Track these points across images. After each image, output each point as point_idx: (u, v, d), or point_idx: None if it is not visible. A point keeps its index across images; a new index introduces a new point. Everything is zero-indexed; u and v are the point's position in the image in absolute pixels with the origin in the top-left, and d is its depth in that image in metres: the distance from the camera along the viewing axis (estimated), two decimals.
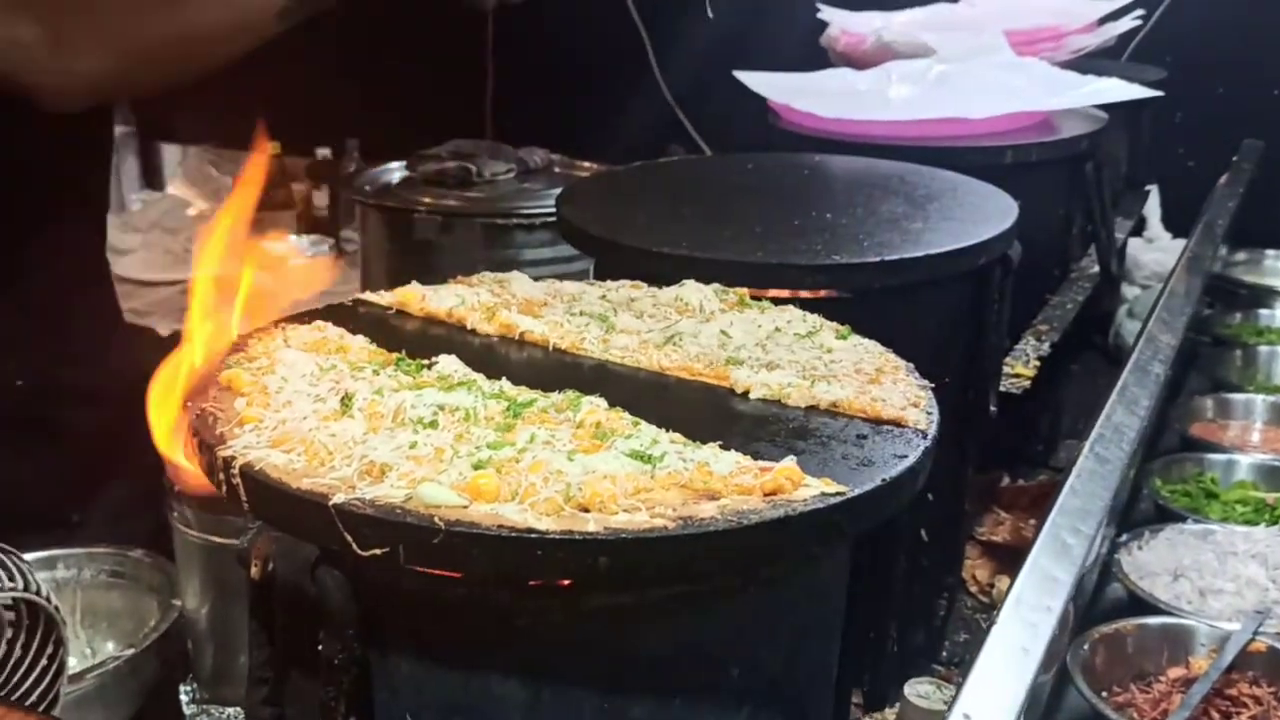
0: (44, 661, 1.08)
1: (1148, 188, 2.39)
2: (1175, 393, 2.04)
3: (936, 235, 1.23)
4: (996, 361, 1.35)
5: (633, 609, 0.70)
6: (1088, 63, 2.25)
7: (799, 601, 0.77)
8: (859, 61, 2.24)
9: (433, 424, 0.75)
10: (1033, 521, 1.73)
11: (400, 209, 1.72)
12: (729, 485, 0.69)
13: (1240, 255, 2.58)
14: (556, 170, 1.96)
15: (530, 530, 0.64)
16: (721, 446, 0.75)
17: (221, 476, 0.71)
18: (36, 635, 1.06)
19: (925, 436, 0.79)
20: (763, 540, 0.67)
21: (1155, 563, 1.50)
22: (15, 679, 1.04)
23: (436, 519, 0.64)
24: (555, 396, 0.80)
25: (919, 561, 1.37)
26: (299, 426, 0.73)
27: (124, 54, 1.16)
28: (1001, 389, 1.38)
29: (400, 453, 0.70)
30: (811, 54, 2.35)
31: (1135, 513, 1.68)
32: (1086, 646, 1.27)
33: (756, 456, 0.74)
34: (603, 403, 0.79)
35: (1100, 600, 1.47)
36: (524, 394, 0.81)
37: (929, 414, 0.83)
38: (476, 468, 0.69)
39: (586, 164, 2.03)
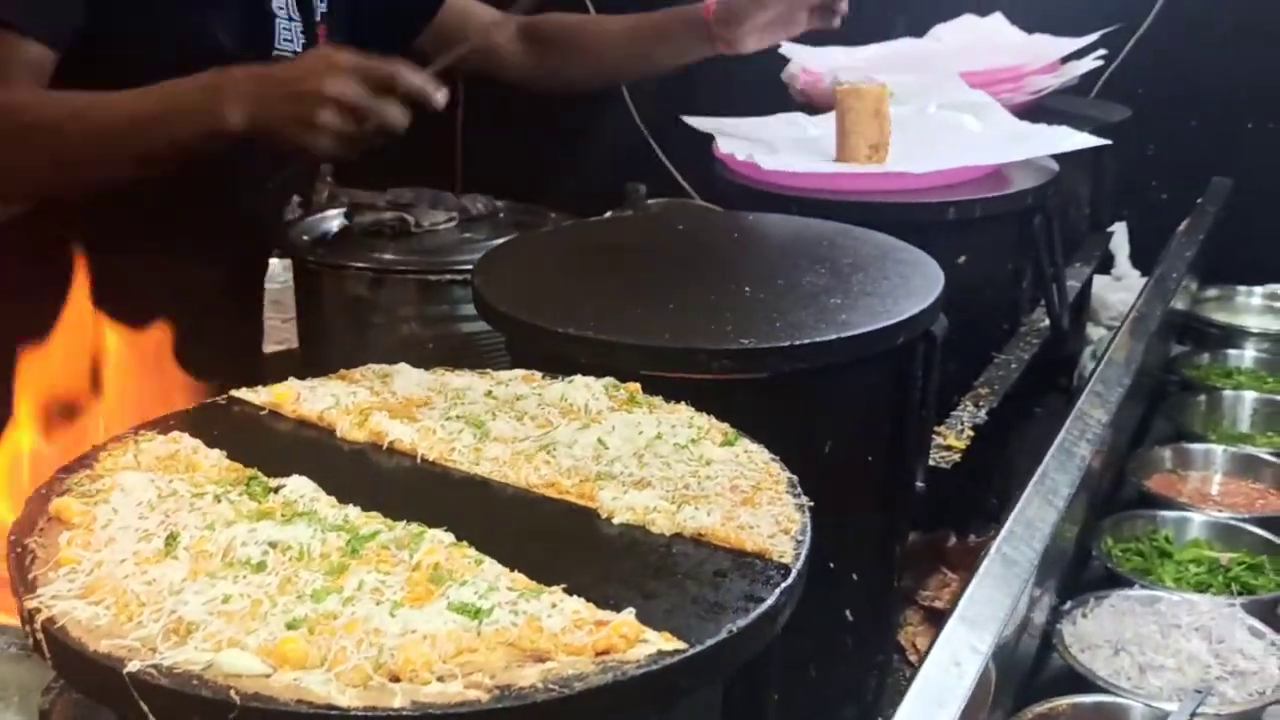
0: None
1: (1111, 228, 2.34)
2: (1140, 437, 2.00)
3: (854, 314, 1.19)
4: (923, 437, 1.31)
5: None
6: (1052, 99, 2.21)
7: None
8: (817, 100, 2.20)
9: (260, 566, 0.71)
10: None
11: (331, 265, 1.68)
12: (558, 644, 0.65)
13: (1211, 291, 2.53)
14: (501, 216, 1.92)
15: (330, 707, 0.60)
16: (567, 590, 0.71)
17: (28, 628, 0.67)
18: None
19: (787, 573, 0.75)
20: (590, 708, 0.63)
21: (1097, 633, 1.46)
22: None
23: (233, 692, 0.61)
24: (399, 530, 0.76)
25: (844, 641, 1.33)
26: (114, 572, 0.69)
27: None
28: (931, 463, 1.34)
29: (212, 607, 0.66)
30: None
31: (1087, 571, 1.64)
32: None
33: (604, 601, 0.70)
34: (448, 538, 0.75)
35: (1042, 671, 1.43)
36: (369, 524, 0.77)
37: (798, 541, 0.79)
38: (290, 627, 0.65)
39: (532, 208, 1.99)
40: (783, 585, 0.73)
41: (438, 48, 1.86)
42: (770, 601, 0.72)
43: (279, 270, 3.66)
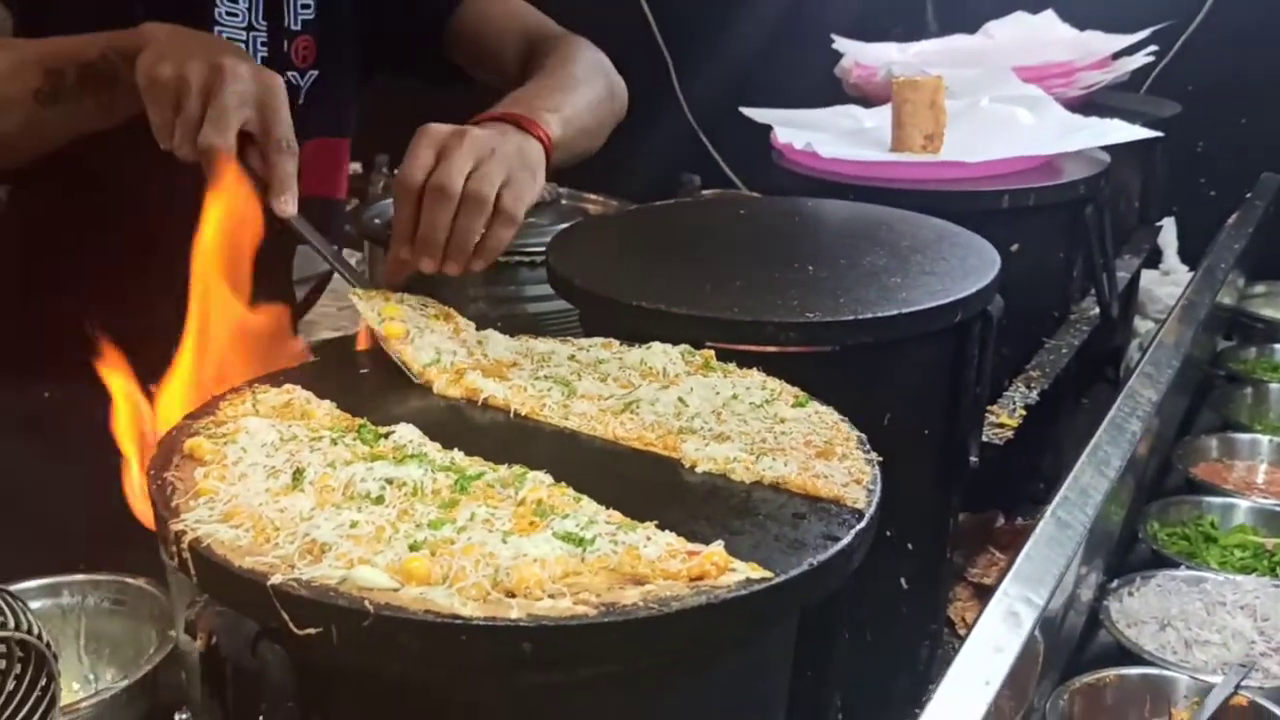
0: (37, 693, 1.12)
1: (1160, 222, 2.37)
2: (1186, 429, 2.04)
3: (914, 292, 1.24)
4: (977, 413, 1.36)
5: (565, 687, 0.72)
6: (1103, 95, 2.25)
7: (736, 678, 0.79)
8: (871, 94, 2.25)
9: (379, 499, 0.78)
10: None
11: None
12: (656, 570, 0.71)
13: (1259, 288, 2.56)
14: (564, 203, 1.99)
15: (455, 616, 0.67)
16: (659, 526, 0.77)
17: (173, 549, 0.74)
18: (29, 670, 1.10)
19: (861, 517, 0.81)
20: (685, 627, 0.69)
21: (1143, 610, 1.50)
22: (9, 712, 1.08)
23: (367, 602, 0.67)
24: (503, 471, 0.83)
25: (899, 608, 1.38)
26: (250, 501, 0.76)
27: None
28: (984, 439, 1.39)
29: (341, 531, 0.73)
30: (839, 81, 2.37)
31: (1133, 555, 1.68)
32: (1065, 698, 1.28)
33: (692, 537, 0.76)
34: (548, 478, 0.81)
35: (1087, 648, 1.47)
36: (474, 465, 0.84)
37: (870, 490, 0.85)
38: (412, 549, 0.72)
39: (594, 197, 2.05)
40: (858, 527, 0.79)
41: (461, 58, 1.72)
42: (846, 540, 0.78)
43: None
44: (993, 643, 0.89)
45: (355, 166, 3.97)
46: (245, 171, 1.10)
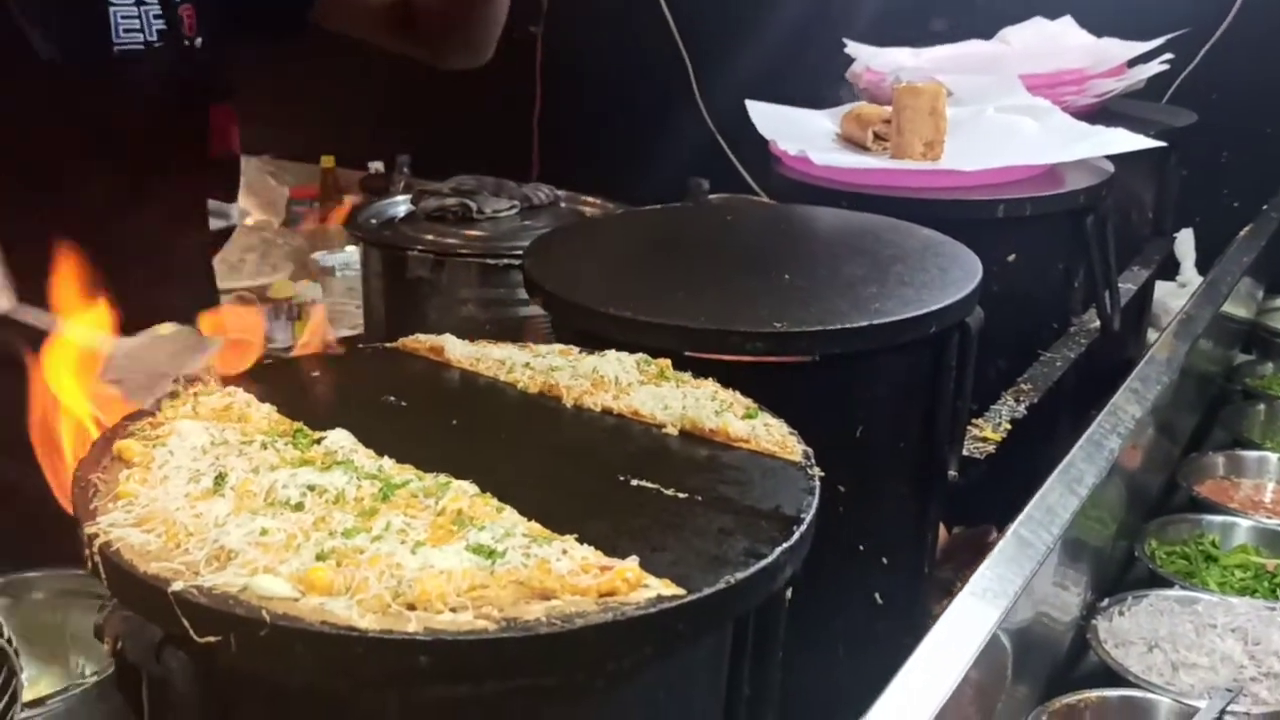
0: None
1: (1176, 234, 2.33)
2: (1199, 445, 2.00)
3: (888, 302, 1.22)
4: (958, 427, 1.33)
5: (471, 700, 0.71)
6: (1118, 103, 2.21)
7: (657, 695, 0.78)
8: (880, 98, 2.22)
9: (299, 506, 0.77)
10: None
11: (394, 246, 1.75)
12: (565, 585, 0.70)
13: (1278, 301, 2.50)
14: (562, 206, 1.98)
15: (351, 628, 0.66)
16: (580, 539, 0.76)
17: (86, 552, 0.74)
18: None
19: (790, 535, 0.79)
20: (590, 643, 0.68)
21: (1133, 631, 1.47)
22: None
23: (264, 611, 0.67)
24: (427, 480, 0.82)
25: (874, 624, 1.36)
26: (167, 505, 0.76)
27: None
28: (966, 453, 1.36)
29: (250, 538, 0.72)
30: None
31: (1131, 574, 1.65)
32: (1044, 719, 1.26)
33: (612, 552, 0.75)
34: (472, 488, 0.80)
35: (1077, 667, 1.44)
36: (401, 473, 0.83)
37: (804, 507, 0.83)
38: (319, 558, 0.71)
39: (593, 200, 2.04)
40: (784, 545, 0.77)
41: (337, 20, 1.79)
42: (770, 558, 0.76)
43: (356, 257, 3.77)
44: (940, 665, 0.87)
45: (378, 165, 3.99)
46: None
